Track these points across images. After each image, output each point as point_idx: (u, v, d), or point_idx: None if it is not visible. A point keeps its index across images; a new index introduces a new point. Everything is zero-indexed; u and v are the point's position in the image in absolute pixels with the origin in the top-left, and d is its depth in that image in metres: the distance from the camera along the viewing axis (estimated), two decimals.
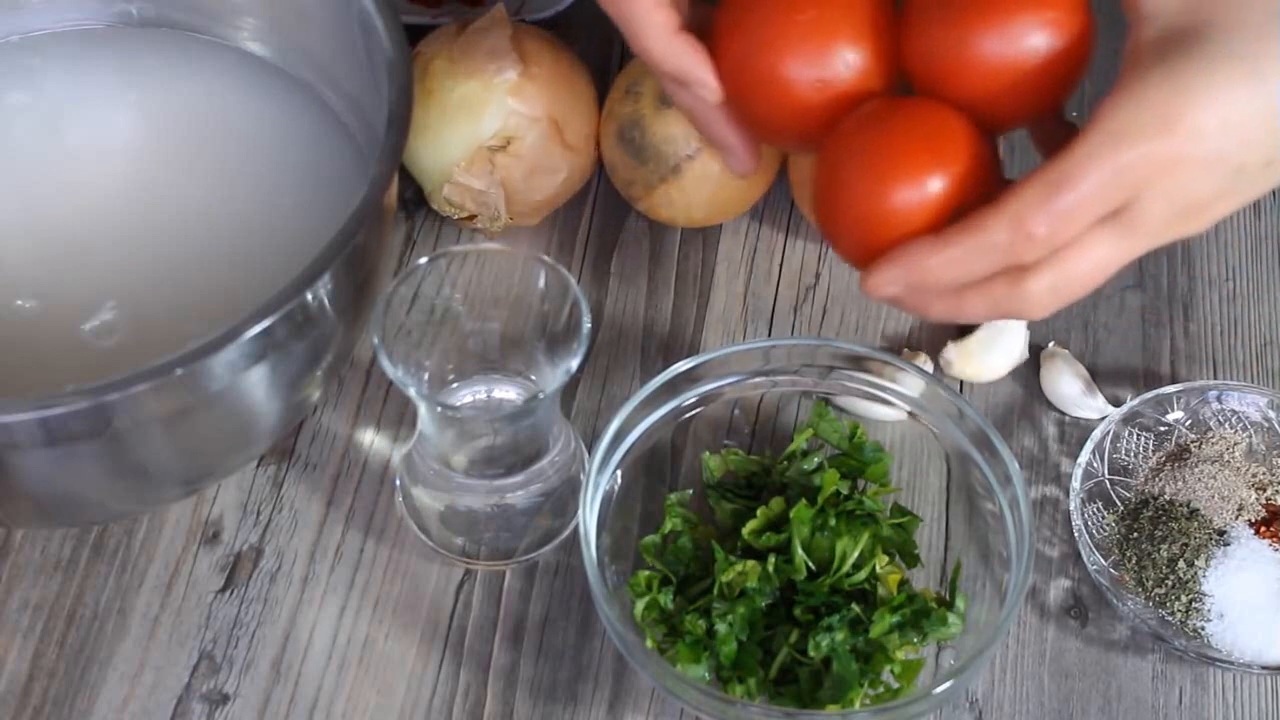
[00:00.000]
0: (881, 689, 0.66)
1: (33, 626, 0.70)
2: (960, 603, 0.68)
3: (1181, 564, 0.71)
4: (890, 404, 0.72)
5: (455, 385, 0.72)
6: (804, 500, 0.69)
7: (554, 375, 0.68)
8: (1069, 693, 0.70)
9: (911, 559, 0.71)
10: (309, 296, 0.62)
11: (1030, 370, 0.78)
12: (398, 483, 0.73)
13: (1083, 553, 0.71)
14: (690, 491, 0.72)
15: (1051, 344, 0.79)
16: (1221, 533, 0.72)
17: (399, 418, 0.76)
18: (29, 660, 0.69)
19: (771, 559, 0.68)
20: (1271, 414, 0.75)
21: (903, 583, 0.69)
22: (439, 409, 0.65)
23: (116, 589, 0.71)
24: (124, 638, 0.70)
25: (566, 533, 0.73)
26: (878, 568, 0.68)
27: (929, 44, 0.60)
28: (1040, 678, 0.70)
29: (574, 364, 0.64)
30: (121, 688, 0.69)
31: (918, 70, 0.61)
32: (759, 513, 0.69)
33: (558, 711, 0.69)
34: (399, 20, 0.69)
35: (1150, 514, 0.72)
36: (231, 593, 0.71)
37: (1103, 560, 0.72)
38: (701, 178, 0.78)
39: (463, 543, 0.72)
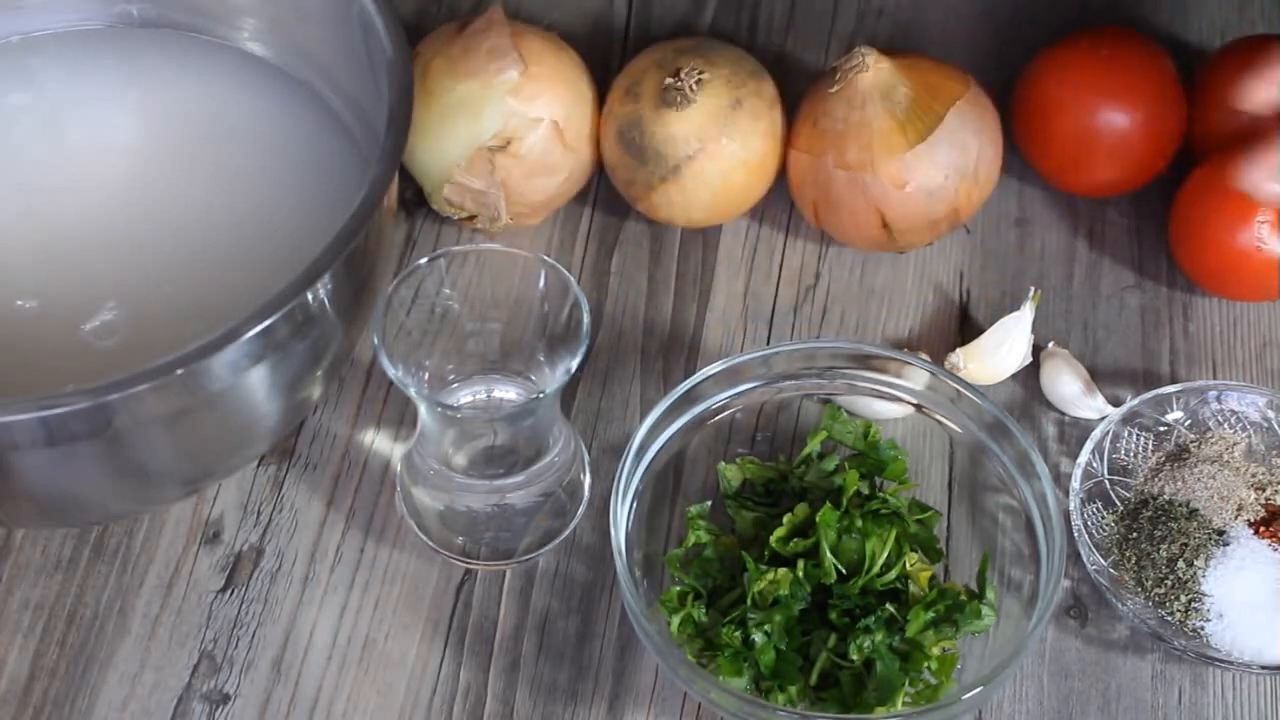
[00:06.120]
0: (921, 686, 0.66)
1: (33, 626, 0.70)
2: (990, 593, 0.68)
3: (1181, 564, 0.71)
4: (899, 400, 0.73)
5: (455, 385, 0.72)
6: (829, 503, 0.69)
7: (554, 375, 0.68)
8: (1068, 692, 0.70)
9: (935, 554, 0.71)
10: (309, 296, 0.62)
11: (1030, 370, 0.78)
12: (398, 483, 0.73)
13: (1082, 553, 0.71)
14: (709, 503, 0.72)
15: (1051, 344, 0.79)
16: (1221, 533, 0.72)
17: (399, 418, 0.76)
18: (29, 660, 0.69)
19: (801, 565, 0.67)
20: (1271, 414, 0.75)
21: (932, 578, 0.69)
22: (439, 409, 0.65)
23: (117, 589, 0.71)
24: (124, 638, 0.70)
25: (566, 533, 0.73)
26: (908, 565, 0.68)
27: None
28: (1040, 678, 0.70)
29: (574, 364, 0.64)
30: (122, 688, 0.69)
31: None
32: (785, 519, 0.69)
33: (558, 711, 0.69)
34: (399, 20, 0.69)
35: (1150, 514, 0.72)
36: (232, 593, 0.71)
37: (1102, 560, 0.72)
38: (701, 178, 0.78)
39: (463, 543, 0.72)
